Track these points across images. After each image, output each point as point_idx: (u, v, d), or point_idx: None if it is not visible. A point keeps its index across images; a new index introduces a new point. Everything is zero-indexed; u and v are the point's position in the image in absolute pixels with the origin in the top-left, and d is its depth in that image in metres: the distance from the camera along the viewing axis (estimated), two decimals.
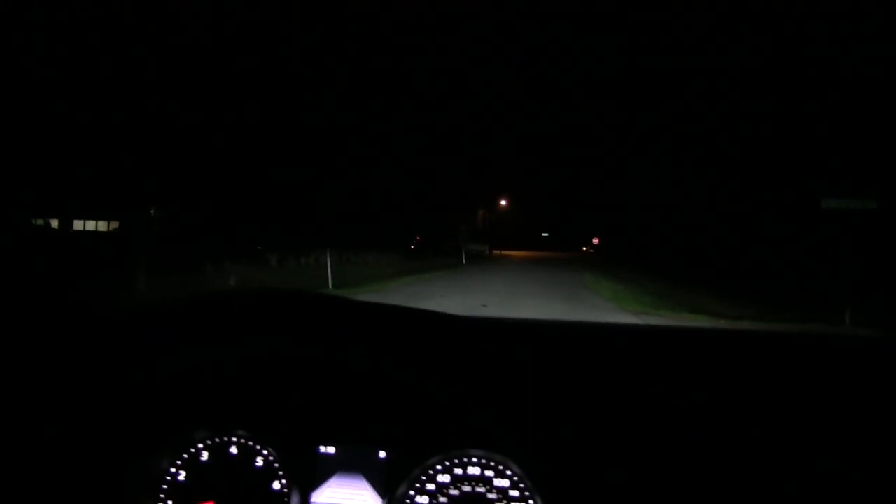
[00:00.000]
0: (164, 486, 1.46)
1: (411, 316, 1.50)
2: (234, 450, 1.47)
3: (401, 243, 38.89)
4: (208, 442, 1.48)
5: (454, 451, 1.41)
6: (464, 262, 35.05)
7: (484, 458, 1.40)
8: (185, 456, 1.48)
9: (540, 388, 1.35)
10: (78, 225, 36.43)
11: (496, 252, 60.92)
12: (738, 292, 16.77)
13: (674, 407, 1.36)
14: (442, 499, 1.39)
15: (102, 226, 37.81)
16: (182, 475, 1.47)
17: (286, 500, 1.41)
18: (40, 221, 29.33)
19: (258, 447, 1.47)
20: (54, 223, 32.21)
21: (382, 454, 1.42)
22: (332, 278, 15.69)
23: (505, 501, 1.37)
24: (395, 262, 28.13)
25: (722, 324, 10.72)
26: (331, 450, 1.44)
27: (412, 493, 1.40)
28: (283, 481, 1.43)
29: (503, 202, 74.44)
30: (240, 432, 1.48)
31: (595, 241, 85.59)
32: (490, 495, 1.38)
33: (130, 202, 30.97)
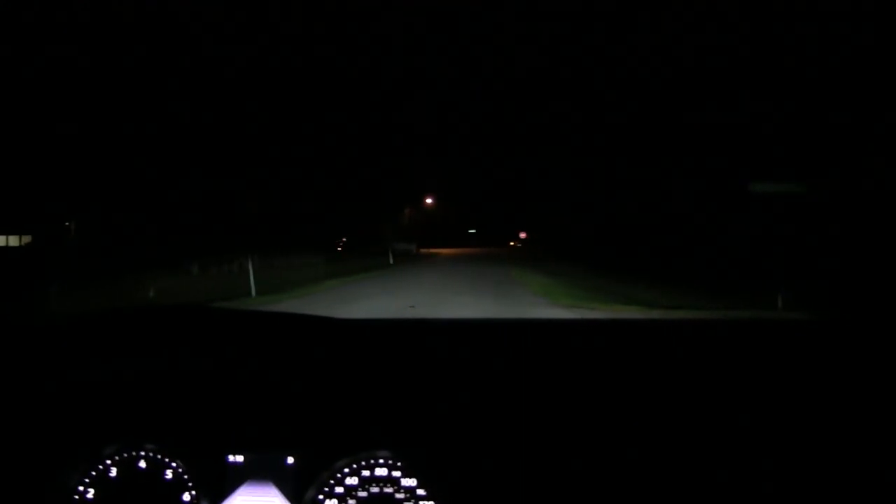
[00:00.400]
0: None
1: (313, 323, 1.53)
2: (142, 464, 1.48)
3: (327, 246, 38.43)
4: (116, 457, 1.49)
5: (362, 454, 1.44)
6: (391, 262, 34.84)
7: (391, 459, 1.44)
8: (94, 472, 1.48)
9: (446, 386, 1.41)
10: None
11: (424, 250, 60.96)
12: (671, 282, 17.04)
13: (591, 397, 1.42)
14: (351, 501, 1.43)
15: (14, 240, 36.14)
16: (91, 492, 1.47)
17: None
18: None
19: (167, 460, 1.48)
20: None
21: (290, 460, 1.45)
22: (255, 284, 15.42)
23: (413, 501, 1.42)
24: (321, 265, 27.77)
25: (655, 314, 10.85)
26: (239, 458, 1.46)
27: (321, 497, 1.43)
28: (193, 493, 1.45)
29: (429, 200, 74.60)
30: (148, 445, 1.49)
31: (522, 235, 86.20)
32: (398, 495, 1.43)
33: (43, 215, 29.78)
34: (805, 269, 13.69)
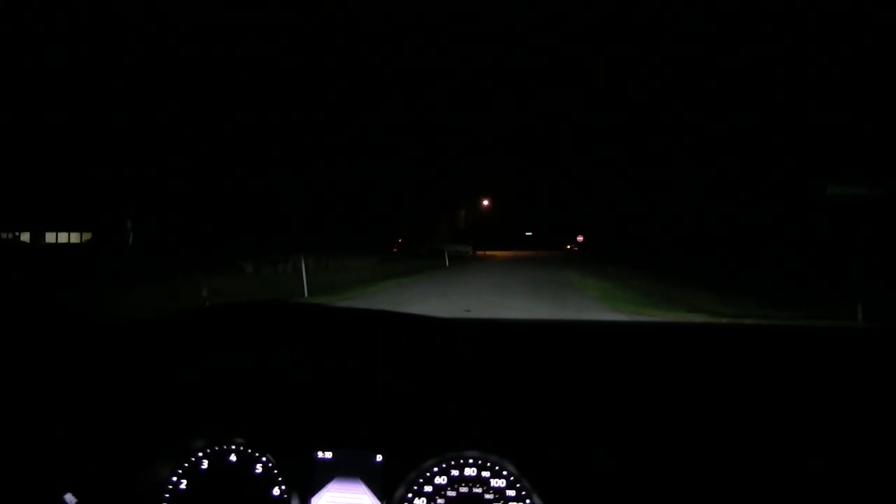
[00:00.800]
0: (166, 495, 1.52)
1: (401, 321, 1.56)
2: (233, 457, 1.54)
3: (381, 246, 38.64)
4: (207, 450, 1.55)
5: (450, 453, 1.47)
6: (446, 264, 34.86)
7: (480, 459, 1.47)
8: (186, 465, 1.54)
9: (531, 387, 1.42)
10: (50, 237, 36.06)
11: (479, 252, 60.92)
12: (737, 289, 16.54)
13: (668, 402, 1.42)
14: (439, 500, 1.46)
15: (75, 237, 37.45)
16: (183, 484, 1.53)
17: None
18: (8, 235, 29.02)
19: (256, 454, 1.53)
20: (25, 236, 31.87)
21: (379, 458, 1.49)
22: (308, 285, 15.62)
23: (502, 501, 1.44)
24: (375, 267, 27.84)
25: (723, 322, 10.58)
26: (328, 455, 1.50)
27: (410, 495, 1.47)
28: (283, 487, 1.50)
29: (486, 202, 74.60)
30: (238, 440, 1.54)
31: (579, 238, 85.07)
32: (487, 496, 1.45)
33: (104, 213, 30.78)
34: (886, 277, 13.17)
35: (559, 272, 26.65)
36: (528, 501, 1.43)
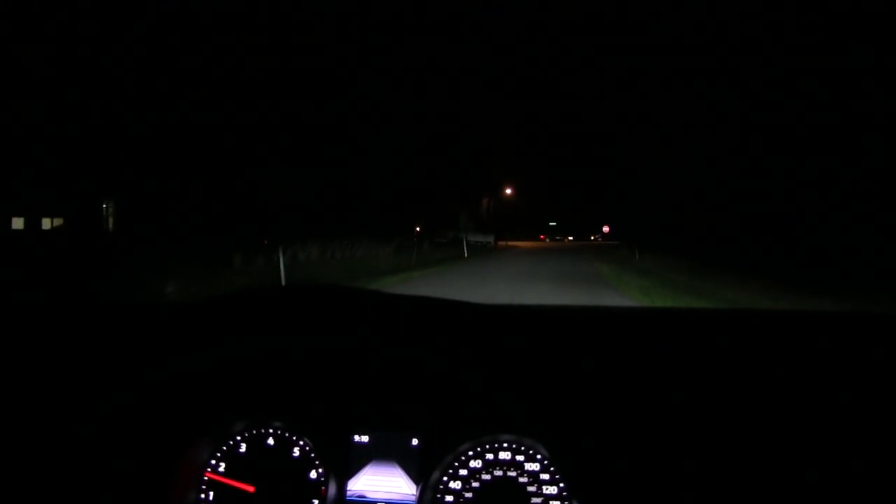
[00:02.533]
0: (205, 478, 1.72)
1: (437, 304, 1.71)
2: (270, 441, 1.74)
3: (397, 234, 38.15)
4: (246, 434, 1.75)
5: (485, 437, 1.66)
6: (465, 255, 34.71)
7: (514, 443, 1.66)
8: (224, 448, 1.74)
9: (566, 373, 1.55)
10: (17, 223, 36.16)
11: (501, 243, 60.60)
12: (791, 284, 16.37)
13: (708, 391, 1.54)
14: (474, 483, 1.65)
15: (46, 223, 37.55)
16: (222, 467, 1.73)
17: (323, 488, 1.68)
18: None
19: (294, 437, 1.73)
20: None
21: (415, 441, 1.69)
22: (290, 279, 15.15)
23: (536, 485, 1.63)
24: (388, 257, 27.53)
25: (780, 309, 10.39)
26: (365, 438, 1.70)
27: (445, 478, 1.66)
28: (320, 470, 1.69)
29: (508, 190, 74.47)
30: (276, 423, 1.74)
31: (605, 229, 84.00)
32: (521, 479, 1.64)
33: (77, 195, 30.64)
34: None
35: (589, 266, 26.30)
36: (561, 485, 1.61)
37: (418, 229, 49.23)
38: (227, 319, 1.63)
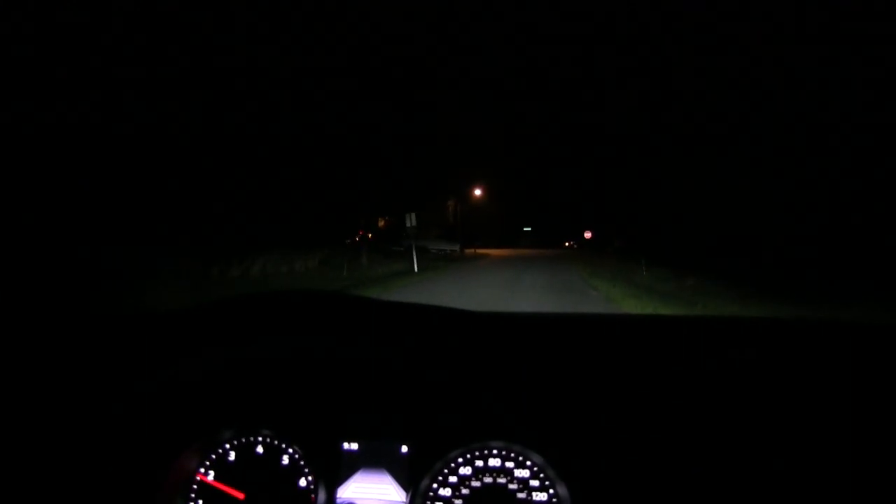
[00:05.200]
0: (194, 486, 1.93)
1: (429, 312, 1.86)
2: (260, 449, 1.95)
3: (328, 243, 35.78)
4: (235, 442, 1.95)
5: (475, 444, 1.86)
6: (415, 269, 30.40)
7: (504, 450, 1.85)
8: (213, 456, 1.95)
9: (555, 379, 1.72)
10: None
11: (469, 251, 59.13)
12: (808, 300, 16.02)
13: (698, 398, 1.68)
14: (464, 490, 1.84)
15: None
16: (211, 475, 1.94)
17: (313, 496, 1.88)
18: None
19: (283, 445, 1.94)
20: None
21: (405, 448, 1.88)
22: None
23: (526, 492, 1.82)
24: (305, 273, 24.92)
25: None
26: (354, 446, 1.91)
27: (435, 485, 1.86)
28: (310, 478, 1.90)
29: (477, 192, 73.92)
30: (265, 431, 1.95)
31: (587, 234, 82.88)
32: (511, 486, 1.83)
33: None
34: None
35: (577, 280, 24.94)
36: (551, 491, 1.78)
37: (370, 236, 47.67)
38: (213, 327, 1.80)
